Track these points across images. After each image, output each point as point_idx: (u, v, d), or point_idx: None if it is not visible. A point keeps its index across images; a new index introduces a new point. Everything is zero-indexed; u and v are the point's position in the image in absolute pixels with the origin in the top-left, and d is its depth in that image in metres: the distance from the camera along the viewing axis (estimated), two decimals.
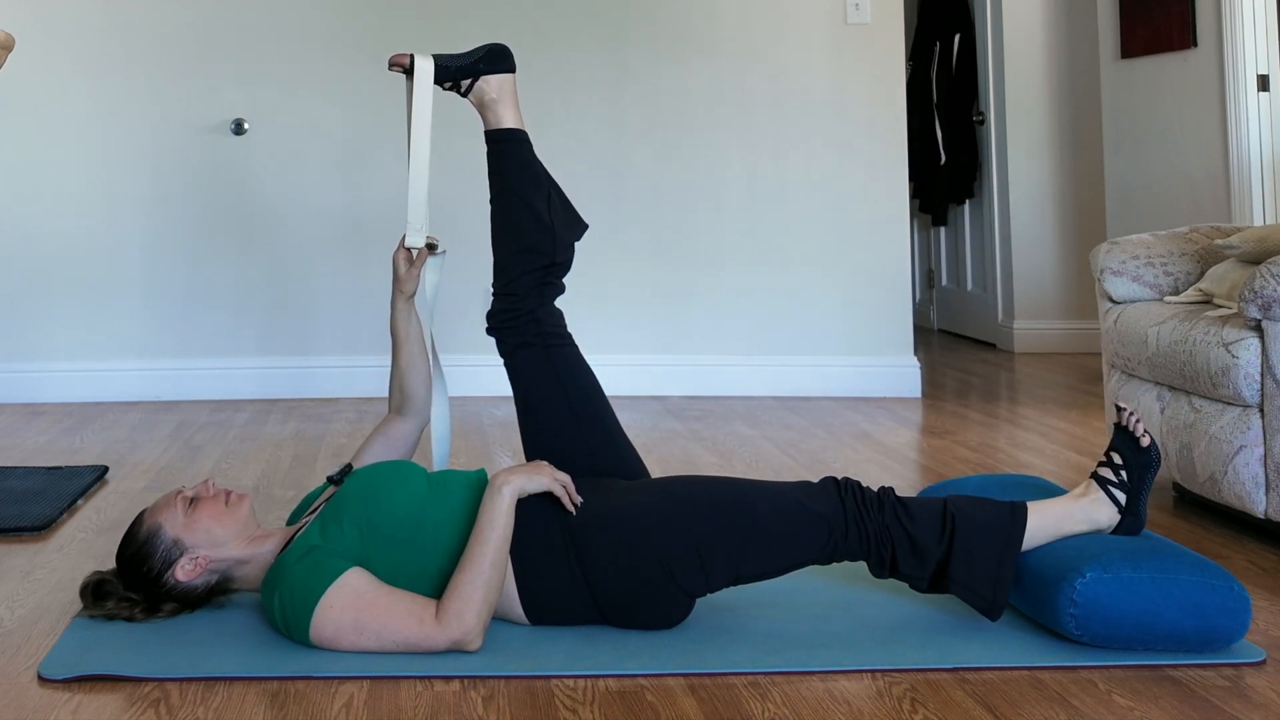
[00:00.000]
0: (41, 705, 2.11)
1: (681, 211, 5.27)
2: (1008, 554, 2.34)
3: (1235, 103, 5.11)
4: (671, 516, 2.35)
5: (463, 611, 2.24)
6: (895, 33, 5.28)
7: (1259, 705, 2.06)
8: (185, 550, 2.42)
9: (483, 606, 2.26)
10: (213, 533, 2.44)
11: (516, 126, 2.82)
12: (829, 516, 2.34)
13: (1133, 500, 2.41)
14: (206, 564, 2.43)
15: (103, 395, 5.14)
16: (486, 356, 5.18)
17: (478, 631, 2.25)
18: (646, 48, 5.28)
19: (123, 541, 2.48)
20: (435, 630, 2.24)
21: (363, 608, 2.26)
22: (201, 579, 2.44)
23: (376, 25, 5.26)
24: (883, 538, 2.34)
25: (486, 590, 2.26)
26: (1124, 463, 2.43)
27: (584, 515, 2.38)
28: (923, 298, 7.66)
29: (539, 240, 2.72)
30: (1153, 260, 3.50)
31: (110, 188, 5.21)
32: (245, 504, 2.49)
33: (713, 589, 2.38)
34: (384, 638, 2.25)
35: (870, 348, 5.23)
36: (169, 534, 2.43)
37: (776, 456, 4.03)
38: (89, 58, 5.20)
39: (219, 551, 2.44)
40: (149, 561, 2.43)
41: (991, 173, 6.66)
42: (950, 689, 2.13)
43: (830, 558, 2.37)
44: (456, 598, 2.25)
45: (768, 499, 2.37)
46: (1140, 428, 2.44)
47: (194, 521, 2.43)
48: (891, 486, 2.41)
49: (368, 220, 5.25)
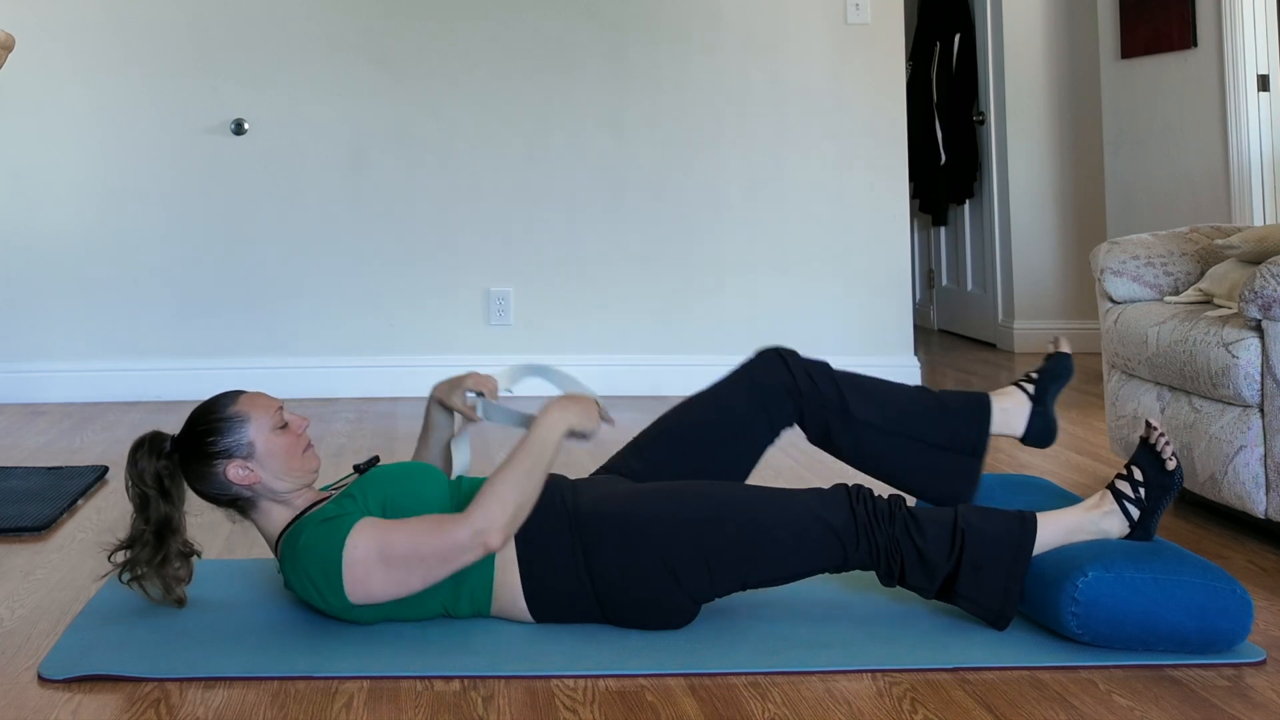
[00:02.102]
0: (41, 705, 2.11)
1: (681, 211, 5.27)
2: (1016, 568, 2.33)
3: (1235, 103, 5.11)
4: (681, 522, 2.35)
5: (489, 503, 2.26)
6: (895, 33, 5.28)
7: (1259, 705, 2.06)
8: (252, 455, 2.40)
9: (510, 504, 2.27)
10: (283, 463, 2.42)
11: None
12: (840, 528, 2.33)
13: (1145, 518, 2.39)
14: (255, 482, 2.41)
15: (103, 395, 5.14)
16: (489, 356, 5.20)
17: (500, 525, 2.25)
18: (646, 48, 5.28)
19: (206, 404, 2.46)
20: (458, 524, 2.25)
21: (384, 538, 2.27)
22: (239, 489, 2.42)
23: (377, 25, 5.26)
24: (892, 550, 2.33)
25: (517, 492, 2.28)
26: (1144, 480, 2.40)
27: (595, 513, 2.38)
28: (923, 298, 7.66)
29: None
30: (1153, 260, 3.50)
31: (110, 188, 5.21)
32: (316, 464, 2.48)
33: (719, 594, 2.38)
34: (411, 557, 2.26)
35: (870, 348, 5.23)
36: (250, 432, 2.41)
37: (777, 456, 4.02)
38: (89, 58, 5.20)
39: (274, 482, 2.42)
40: (218, 438, 2.40)
41: (991, 173, 6.66)
42: (950, 689, 2.13)
43: (839, 567, 2.37)
44: (486, 491, 2.29)
45: (778, 508, 2.36)
46: (1169, 450, 2.40)
47: (276, 442, 2.42)
48: (902, 498, 2.40)
49: (368, 220, 5.25)
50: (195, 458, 2.42)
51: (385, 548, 2.27)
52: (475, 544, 2.26)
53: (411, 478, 2.45)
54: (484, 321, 5.24)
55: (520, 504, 2.29)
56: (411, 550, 2.27)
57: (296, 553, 2.34)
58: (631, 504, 2.40)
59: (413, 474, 2.47)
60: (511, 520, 2.28)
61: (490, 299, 5.23)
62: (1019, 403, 2.62)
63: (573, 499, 2.42)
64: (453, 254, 5.24)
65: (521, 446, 2.34)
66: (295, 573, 2.35)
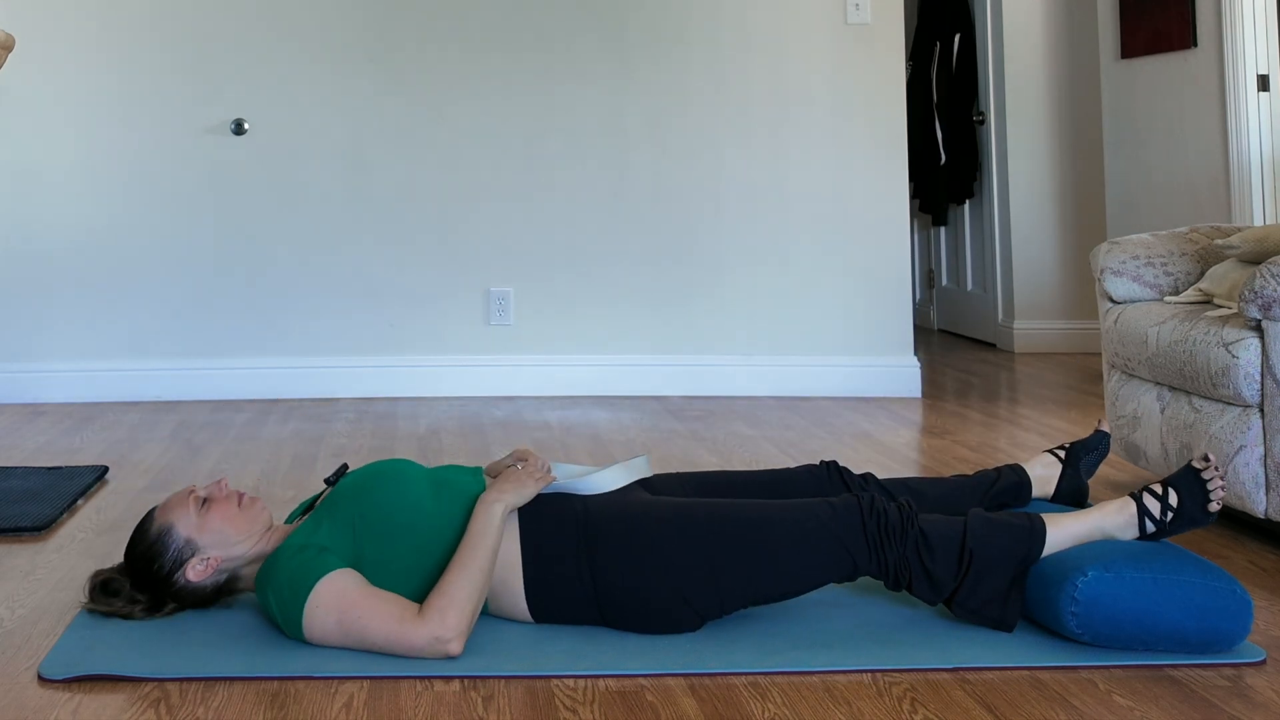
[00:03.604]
0: (41, 705, 2.11)
1: (681, 211, 5.27)
2: (1020, 579, 2.33)
3: (1235, 103, 5.11)
4: (689, 534, 2.34)
5: (446, 609, 2.23)
6: (895, 33, 5.28)
7: (1259, 705, 2.06)
8: (197, 550, 2.42)
9: (467, 608, 2.24)
10: (225, 533, 2.43)
11: None
12: (851, 544, 2.32)
13: (1158, 535, 2.38)
14: (217, 564, 2.43)
15: (103, 395, 5.14)
16: (489, 356, 5.20)
17: (458, 632, 2.22)
18: (646, 47, 5.28)
19: (132, 539, 2.48)
20: (416, 626, 2.22)
21: (346, 607, 2.25)
22: (211, 579, 2.44)
23: (377, 25, 5.26)
24: (900, 567, 2.33)
25: (472, 593, 2.25)
26: (1177, 507, 2.36)
27: (604, 518, 2.38)
28: (923, 298, 7.66)
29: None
30: (1153, 260, 3.50)
31: (110, 188, 5.21)
32: (257, 506, 2.49)
33: (726, 612, 2.37)
34: (365, 637, 2.24)
35: (870, 348, 5.23)
36: (181, 533, 2.42)
37: (776, 456, 4.03)
38: (89, 58, 5.20)
39: (230, 551, 2.43)
40: (159, 560, 2.42)
41: (991, 173, 6.66)
42: (950, 689, 2.13)
43: (847, 579, 2.37)
44: (442, 595, 2.24)
45: (789, 524, 2.35)
46: (1220, 493, 2.35)
47: (206, 521, 2.43)
48: (914, 509, 2.38)
49: (368, 220, 5.25)
50: (157, 586, 2.44)
51: (344, 619, 2.25)
52: (433, 650, 2.22)
53: (382, 483, 2.43)
54: (484, 321, 5.24)
55: (474, 602, 2.26)
56: (367, 629, 2.24)
57: (268, 580, 2.35)
58: (642, 512, 2.39)
59: (383, 478, 2.44)
60: (468, 622, 2.24)
61: (490, 299, 5.23)
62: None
63: (582, 503, 2.42)
64: (453, 254, 5.24)
65: (467, 544, 2.31)
66: (261, 592, 2.36)
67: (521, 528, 2.38)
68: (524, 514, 2.39)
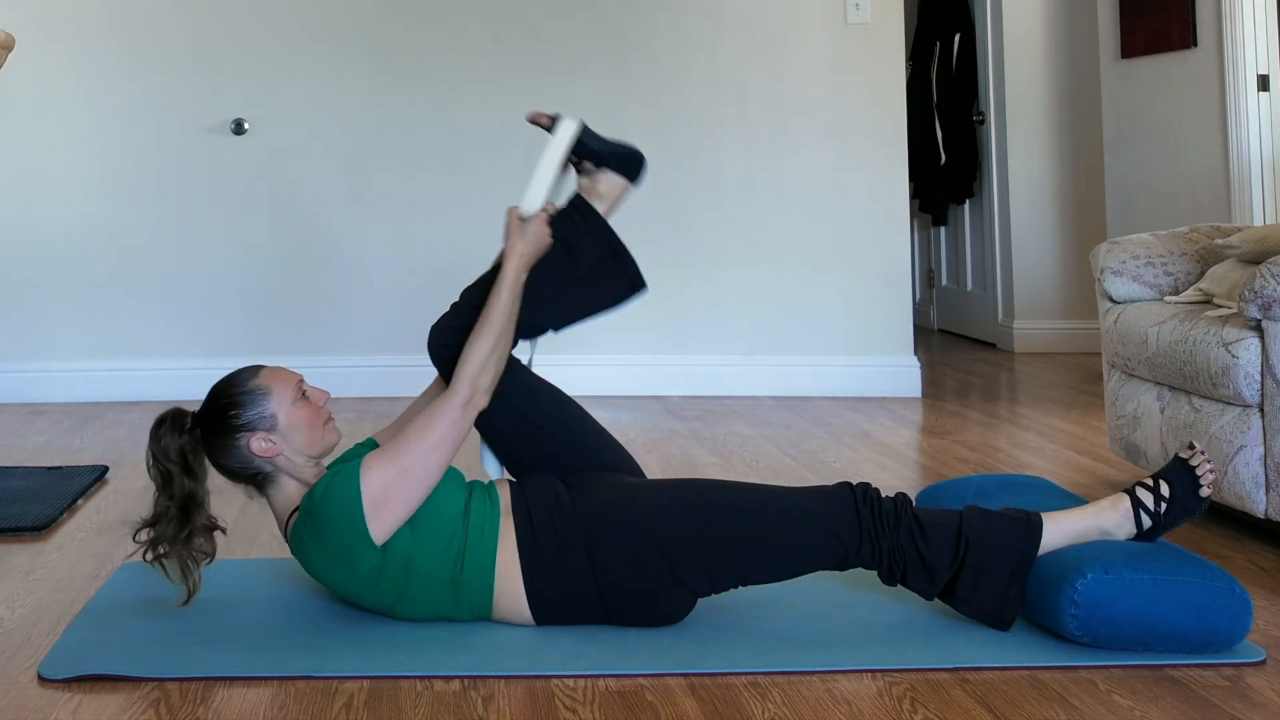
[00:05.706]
0: (41, 705, 2.11)
1: (681, 211, 5.27)
2: (1018, 574, 2.33)
3: (1235, 103, 5.11)
4: (681, 520, 2.35)
5: (472, 373, 2.37)
6: (895, 33, 5.28)
7: (1259, 705, 2.06)
8: (274, 428, 2.40)
9: (491, 365, 2.39)
10: (302, 435, 2.43)
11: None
12: (844, 530, 2.33)
13: (1155, 531, 2.39)
14: (277, 454, 2.41)
15: (103, 395, 5.14)
16: None
17: (485, 388, 2.39)
18: (646, 47, 5.28)
19: (229, 378, 2.46)
20: (449, 405, 2.35)
21: (392, 453, 2.33)
22: (262, 463, 2.42)
23: (377, 25, 5.26)
24: (895, 555, 2.33)
25: (496, 350, 2.40)
26: (1170, 498, 2.37)
27: (595, 507, 2.39)
28: (923, 298, 7.66)
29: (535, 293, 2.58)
30: (1153, 260, 3.50)
31: (110, 188, 5.21)
32: (335, 435, 2.50)
33: (717, 590, 2.38)
34: (422, 452, 2.32)
35: (870, 348, 5.23)
36: (273, 405, 2.41)
37: (776, 456, 4.03)
38: (89, 58, 5.20)
39: (294, 454, 2.43)
40: (241, 411, 2.40)
41: (991, 173, 6.66)
42: (950, 689, 2.13)
43: (840, 566, 2.37)
44: (467, 361, 2.39)
45: (781, 508, 2.36)
46: (1209, 477, 2.38)
47: (296, 412, 2.43)
48: (908, 499, 2.39)
49: (368, 220, 5.25)
50: (218, 431, 2.41)
51: (397, 459, 2.32)
52: (470, 413, 2.38)
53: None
54: None
55: (499, 359, 2.42)
56: (419, 447, 2.33)
57: (315, 502, 2.33)
58: (633, 495, 2.41)
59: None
60: (494, 377, 2.41)
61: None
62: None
63: (570, 502, 2.42)
64: (453, 254, 5.24)
65: (490, 306, 2.43)
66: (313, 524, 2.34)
67: (519, 531, 2.38)
68: (518, 519, 2.39)
